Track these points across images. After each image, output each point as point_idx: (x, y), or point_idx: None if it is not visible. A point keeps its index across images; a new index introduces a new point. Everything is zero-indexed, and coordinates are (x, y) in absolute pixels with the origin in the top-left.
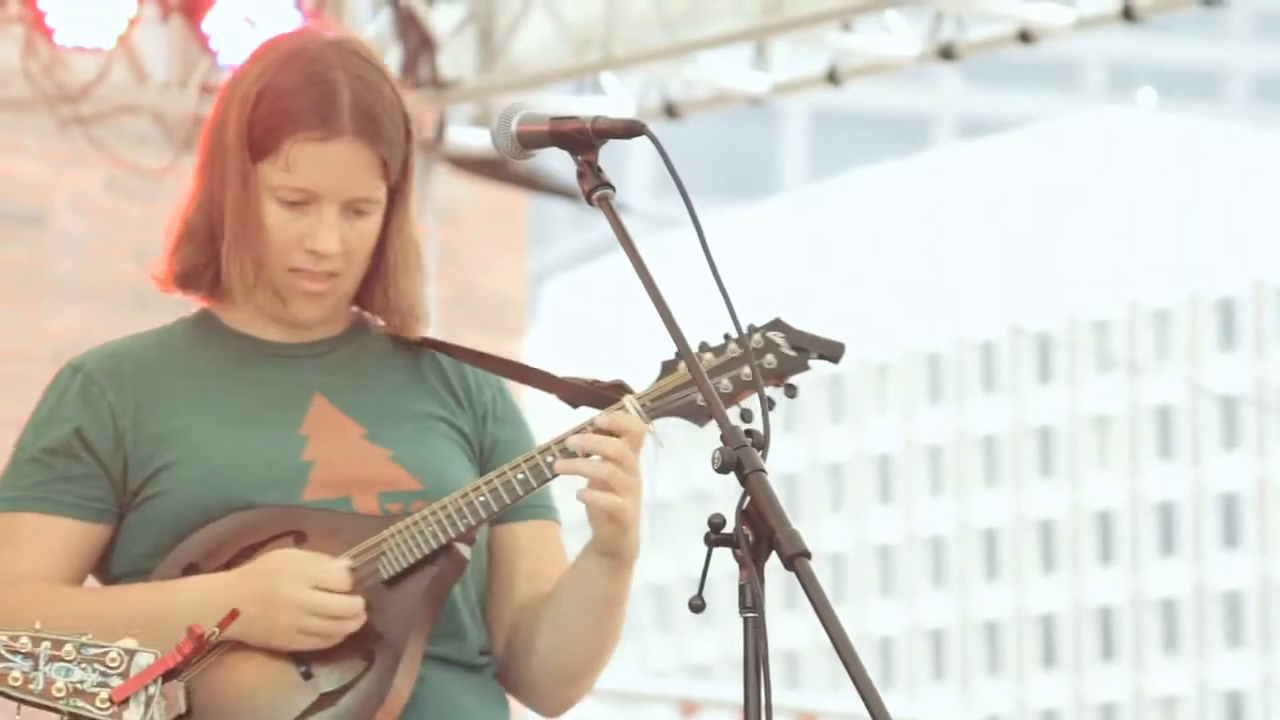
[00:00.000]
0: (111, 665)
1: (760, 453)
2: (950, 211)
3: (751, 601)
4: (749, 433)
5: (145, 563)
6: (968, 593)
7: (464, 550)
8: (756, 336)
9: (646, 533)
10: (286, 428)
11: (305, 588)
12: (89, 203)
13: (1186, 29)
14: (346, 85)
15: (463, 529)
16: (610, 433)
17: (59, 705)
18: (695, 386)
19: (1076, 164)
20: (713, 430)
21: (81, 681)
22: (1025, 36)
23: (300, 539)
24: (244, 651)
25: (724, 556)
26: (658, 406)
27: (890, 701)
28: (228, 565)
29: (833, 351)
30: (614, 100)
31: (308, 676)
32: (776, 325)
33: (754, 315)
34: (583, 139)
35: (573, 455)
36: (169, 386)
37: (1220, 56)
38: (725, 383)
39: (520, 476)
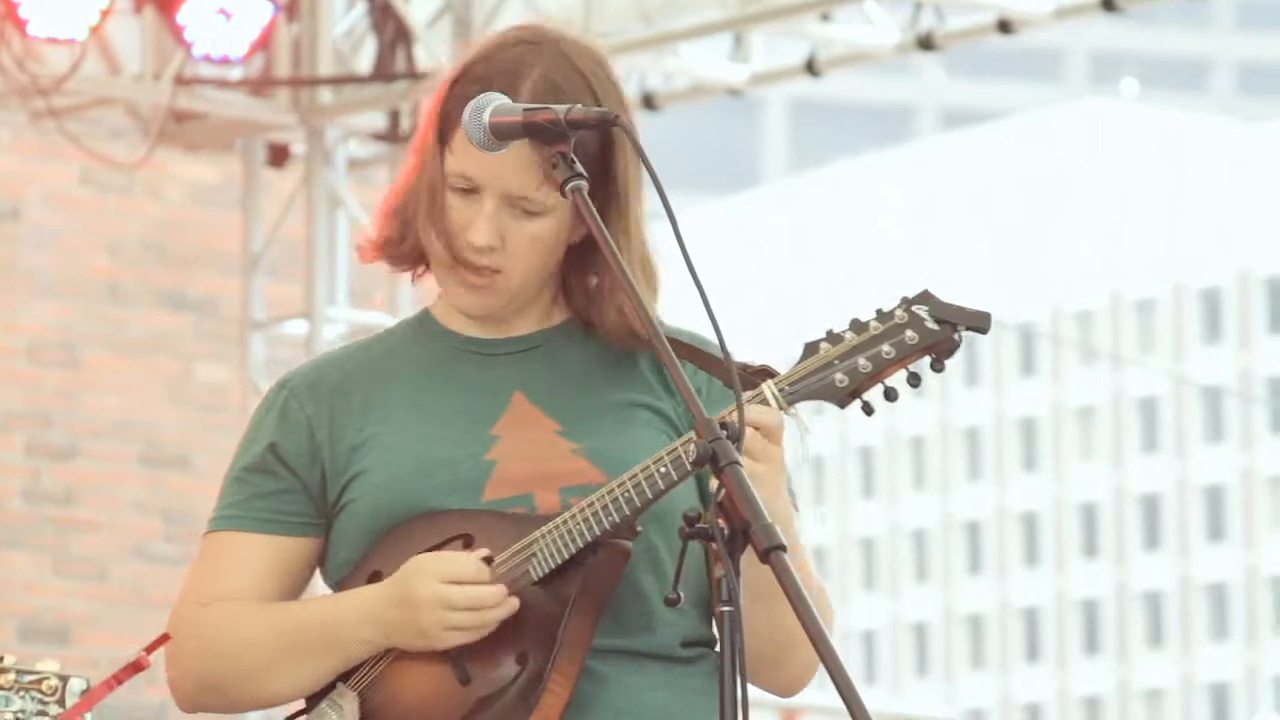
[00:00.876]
0: (48, 693)
1: (736, 445)
2: (933, 203)
3: (727, 595)
4: (724, 424)
5: (345, 570)
6: (951, 586)
7: (624, 544)
8: (900, 311)
9: None
10: (479, 428)
11: (437, 583)
12: (63, 196)
13: (1170, 19)
14: (531, 80)
15: (608, 525)
16: (749, 427)
17: None
18: (833, 368)
19: (1060, 155)
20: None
21: (22, 711)
22: (1005, 26)
23: (468, 542)
24: (408, 659)
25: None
26: (796, 390)
27: (873, 695)
28: None
29: (980, 322)
30: None
31: (465, 681)
32: (923, 298)
33: (733, 308)
34: (556, 130)
35: None
36: (368, 395)
37: (1204, 47)
38: (840, 376)
39: (662, 470)
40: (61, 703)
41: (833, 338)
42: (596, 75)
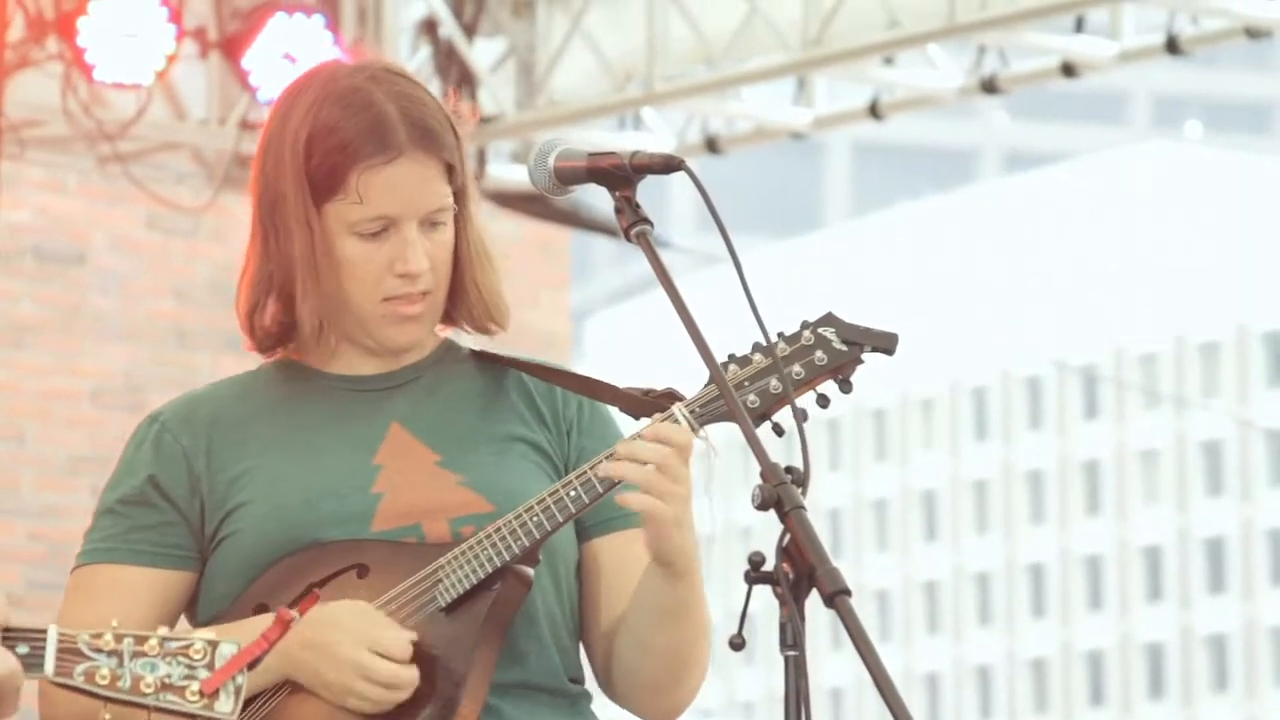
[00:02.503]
0: (196, 657)
1: (800, 489)
2: (995, 245)
3: (792, 640)
4: (789, 469)
5: (224, 604)
6: (1015, 630)
7: (527, 571)
8: (807, 333)
9: None
10: (360, 459)
11: (363, 650)
12: (129, 241)
13: (1233, 61)
14: (391, 103)
15: (518, 550)
16: (657, 441)
17: (148, 701)
18: (743, 390)
19: (1123, 197)
20: (756, 465)
21: (169, 675)
22: (1068, 70)
23: (363, 571)
24: (307, 692)
25: (767, 593)
26: (707, 411)
27: None
28: (295, 604)
29: (886, 343)
30: (655, 135)
31: (370, 715)
32: (827, 320)
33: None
34: (620, 174)
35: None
36: (245, 429)
37: (1268, 88)
38: (752, 397)
39: (573, 493)
40: (210, 666)
41: (740, 360)
42: (439, 105)
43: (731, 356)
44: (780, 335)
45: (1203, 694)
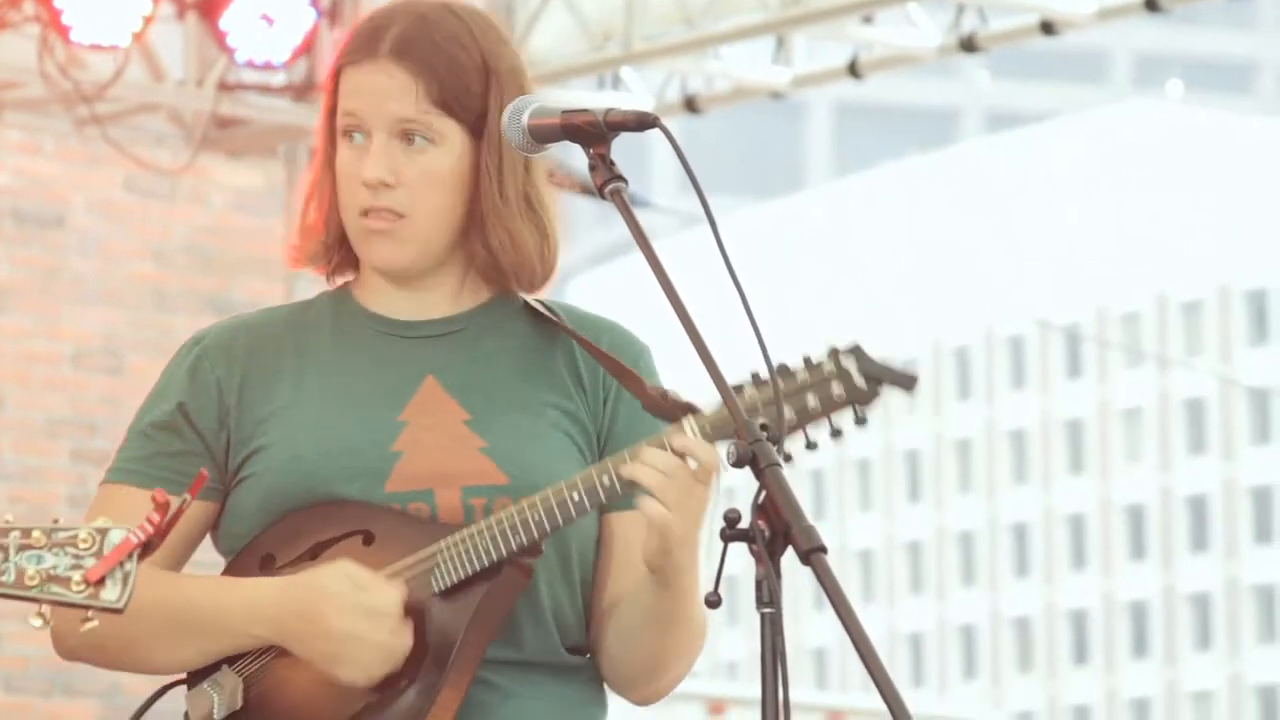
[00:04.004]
0: (84, 547)
1: (776, 447)
2: (977, 205)
3: (768, 597)
4: (764, 426)
5: (238, 544)
6: (998, 589)
7: (526, 564)
8: (828, 362)
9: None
10: (386, 413)
11: (354, 617)
12: (107, 203)
13: (1215, 20)
14: (399, 19)
15: (515, 547)
16: (683, 454)
17: (33, 593)
18: (757, 414)
19: (1104, 157)
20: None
21: (55, 567)
22: (1048, 28)
23: (368, 539)
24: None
25: (748, 553)
26: (717, 430)
27: (921, 699)
28: (299, 560)
29: (906, 383)
30: (634, 95)
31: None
32: (854, 351)
33: (776, 313)
34: (595, 132)
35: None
36: (280, 365)
37: (1250, 47)
38: (789, 412)
39: (575, 497)
40: (98, 555)
41: (757, 382)
42: (466, 42)
43: (755, 376)
44: (805, 360)
45: (1186, 651)
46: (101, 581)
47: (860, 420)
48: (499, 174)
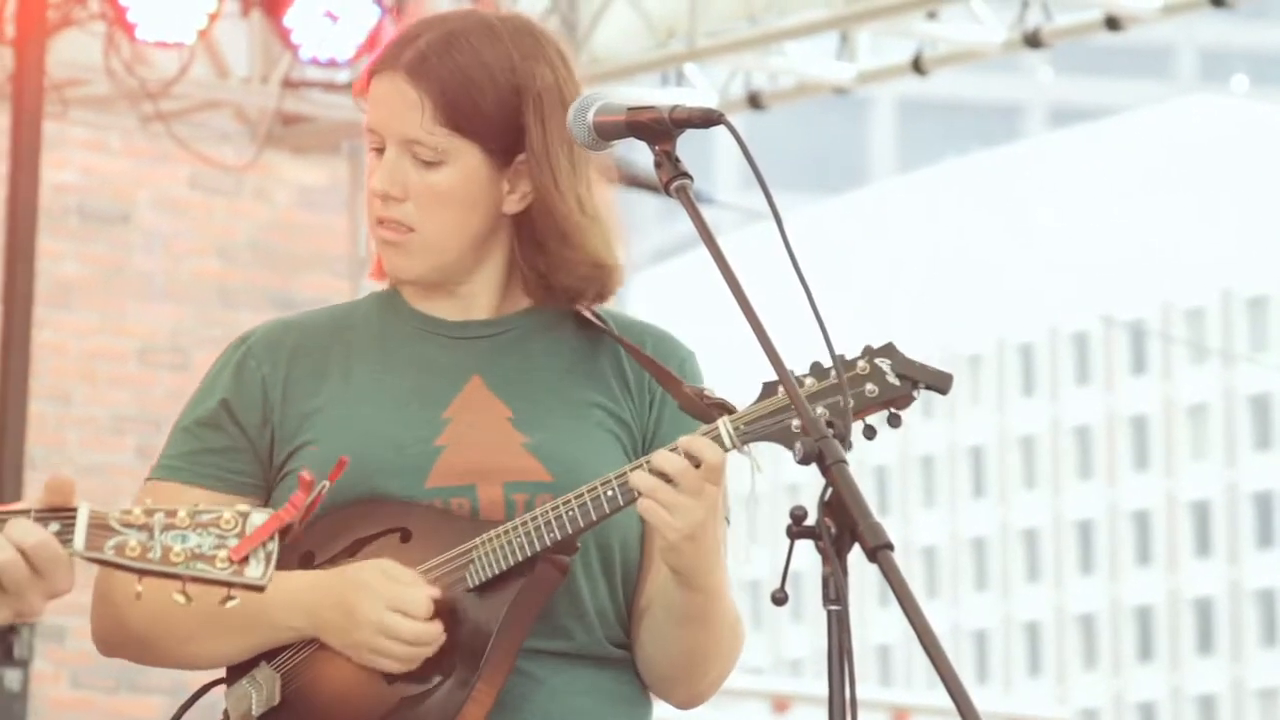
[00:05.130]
0: (227, 527)
1: (842, 444)
2: (1042, 201)
3: (835, 594)
4: (830, 424)
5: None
6: (1063, 586)
7: (563, 559)
8: (862, 362)
9: (741, 529)
10: (431, 410)
11: (383, 608)
12: (172, 200)
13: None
14: (427, 34)
15: (549, 543)
16: (687, 455)
17: (178, 570)
18: (791, 412)
19: (1169, 152)
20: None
21: (199, 545)
22: (1113, 23)
23: (406, 536)
24: (334, 650)
25: (813, 550)
26: (751, 430)
27: (986, 696)
28: (338, 557)
29: (941, 383)
30: (698, 91)
31: (390, 680)
32: (887, 351)
33: (841, 309)
34: (660, 129)
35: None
36: (326, 363)
37: None
38: (822, 410)
39: (609, 493)
40: (241, 536)
41: (795, 379)
42: (489, 62)
43: (790, 374)
44: (840, 359)
45: (1253, 647)
46: (245, 560)
47: (895, 422)
48: (548, 203)
